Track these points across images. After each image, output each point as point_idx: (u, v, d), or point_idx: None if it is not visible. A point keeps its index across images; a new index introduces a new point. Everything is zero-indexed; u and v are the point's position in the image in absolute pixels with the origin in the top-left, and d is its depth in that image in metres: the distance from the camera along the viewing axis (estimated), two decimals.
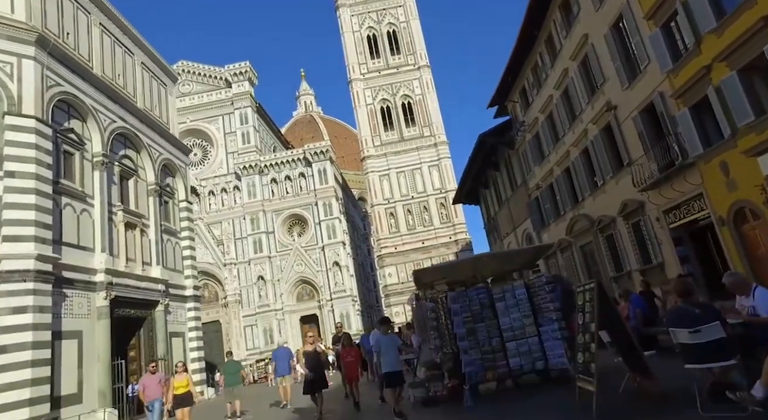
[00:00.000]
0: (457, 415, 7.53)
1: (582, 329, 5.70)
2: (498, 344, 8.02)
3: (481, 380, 8.06)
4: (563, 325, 7.90)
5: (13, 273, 15.79)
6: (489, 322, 8.14)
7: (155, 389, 10.30)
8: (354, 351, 10.46)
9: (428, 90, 55.43)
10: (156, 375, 10.69)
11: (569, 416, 5.92)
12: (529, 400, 7.63)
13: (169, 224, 25.80)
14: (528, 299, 8.21)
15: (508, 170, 31.86)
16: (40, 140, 17.46)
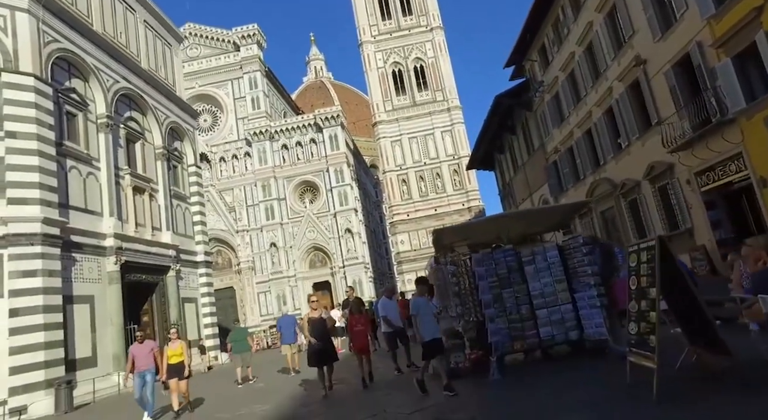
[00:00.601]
0: (482, 390, 6.71)
1: (636, 295, 4.87)
2: (527, 312, 7.24)
3: (508, 351, 7.35)
4: (602, 291, 7.13)
5: (20, 236, 15.38)
6: (517, 287, 7.35)
7: (145, 360, 9.10)
8: (364, 318, 9.30)
9: (441, 52, 53.38)
10: (146, 344, 9.32)
11: (620, 397, 5.01)
12: (565, 374, 6.79)
13: (179, 189, 25.20)
14: (561, 262, 7.40)
15: (525, 133, 30.58)
16: (40, 99, 16.73)
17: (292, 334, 14.30)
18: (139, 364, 9.09)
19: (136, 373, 9.14)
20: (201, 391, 13.02)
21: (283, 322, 15.08)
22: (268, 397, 9.34)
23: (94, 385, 16.09)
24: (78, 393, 16.08)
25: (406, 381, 8.38)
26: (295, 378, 12.33)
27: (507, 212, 13.60)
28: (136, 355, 9.14)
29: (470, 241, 8.67)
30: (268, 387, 11.60)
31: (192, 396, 11.53)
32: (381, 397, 7.34)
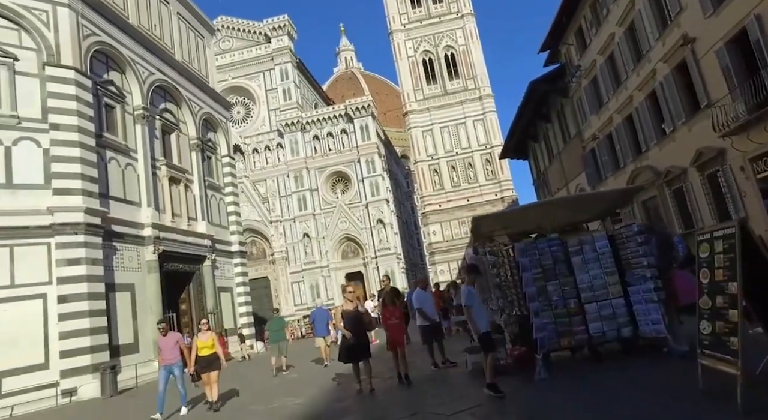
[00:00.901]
0: (528, 390, 6.18)
1: (709, 290, 4.32)
2: (575, 306, 6.72)
3: (554, 348, 6.81)
4: (659, 285, 6.48)
5: (65, 225, 15.75)
6: (563, 279, 6.80)
7: (171, 352, 8.50)
8: (398, 311, 8.41)
9: (472, 40, 52.10)
10: (170, 336, 8.71)
11: (695, 406, 4.27)
12: (620, 375, 6.08)
13: (213, 180, 25.42)
14: (611, 253, 6.82)
15: (561, 121, 29.47)
16: (81, 92, 17.01)
17: (325, 327, 14.34)
18: (165, 357, 8.58)
19: (162, 366, 8.68)
20: (236, 382, 13.02)
21: (316, 314, 14.95)
22: (301, 390, 9.15)
23: (137, 371, 16.41)
24: (122, 377, 16.45)
25: (442, 377, 8.01)
26: (328, 370, 12.16)
27: (551, 198, 12.64)
28: (162, 347, 8.68)
29: (510, 230, 8.17)
30: (301, 379, 11.46)
31: (228, 386, 11.53)
32: (418, 395, 6.95)
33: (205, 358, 8.43)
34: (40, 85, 16.48)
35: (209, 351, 8.45)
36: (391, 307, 8.27)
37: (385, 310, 8.40)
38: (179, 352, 8.57)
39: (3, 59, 16.04)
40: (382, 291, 11.02)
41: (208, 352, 8.45)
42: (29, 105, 16.22)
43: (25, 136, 16.02)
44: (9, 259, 15.09)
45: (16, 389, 14.28)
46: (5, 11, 16.20)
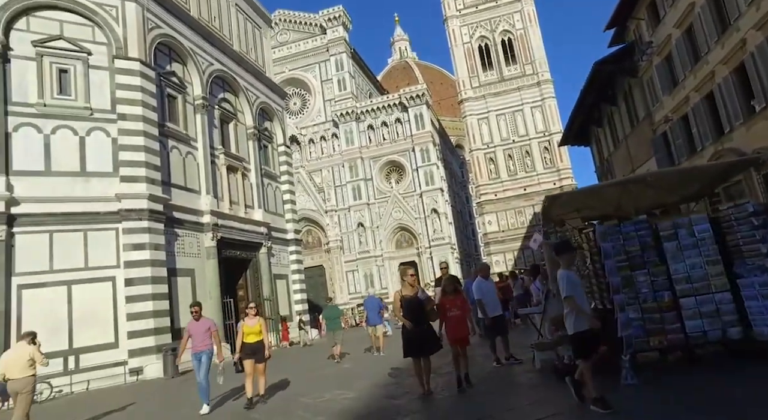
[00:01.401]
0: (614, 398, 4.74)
1: None
2: (668, 300, 5.66)
3: (642, 349, 5.73)
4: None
5: (130, 212, 16.20)
6: (654, 268, 5.71)
7: (202, 338, 7.73)
8: (460, 300, 7.12)
9: (530, 23, 49.64)
10: (203, 321, 7.88)
11: None
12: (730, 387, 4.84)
13: (269, 168, 25.54)
14: (713, 238, 5.72)
15: (628, 103, 27.25)
16: (145, 83, 17.36)
17: (377, 316, 13.95)
18: (195, 343, 7.76)
19: (192, 353, 7.89)
20: (290, 369, 12.78)
21: (368, 303, 14.65)
22: (353, 382, 8.62)
23: None
24: (184, 359, 16.74)
25: (508, 376, 7.16)
26: (382, 361, 11.64)
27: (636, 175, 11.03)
28: (192, 333, 7.83)
29: (584, 214, 7.17)
30: (354, 369, 10.97)
31: (281, 373, 11.24)
32: (482, 397, 6.13)
33: (250, 345, 7.60)
34: (109, 77, 16.99)
35: (256, 338, 7.63)
36: (452, 296, 7.07)
37: (444, 299, 7.11)
38: (210, 340, 7.83)
39: (79, 54, 16.67)
40: (440, 279, 10.13)
41: (254, 338, 7.62)
42: (100, 96, 16.77)
43: (96, 127, 16.58)
44: (83, 244, 15.70)
45: (91, 365, 14.89)
46: (82, 9, 16.80)
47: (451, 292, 7.21)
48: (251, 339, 7.58)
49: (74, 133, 16.16)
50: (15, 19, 15.94)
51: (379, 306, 14.46)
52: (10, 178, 14.97)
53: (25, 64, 15.94)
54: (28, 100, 15.74)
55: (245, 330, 7.61)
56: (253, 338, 7.59)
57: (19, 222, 14.94)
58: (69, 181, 15.83)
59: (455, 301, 7.07)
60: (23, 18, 16.18)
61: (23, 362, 7.10)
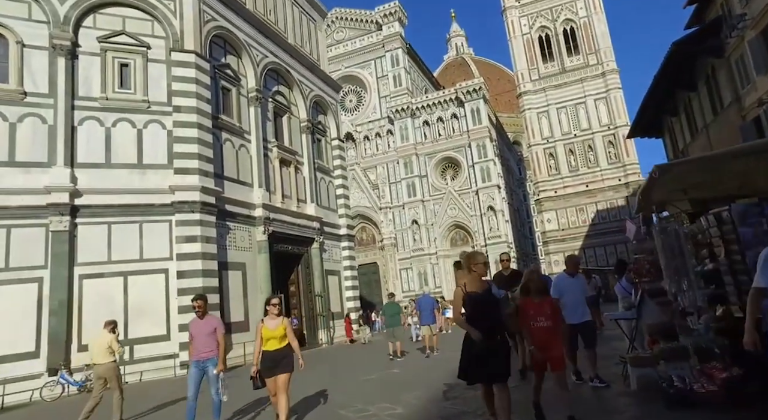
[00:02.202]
0: None
1: None
2: None
3: None
4: None
5: (183, 204, 16.02)
6: None
7: (206, 342, 6.14)
8: (550, 306, 4.97)
9: (595, 10, 46.38)
10: (207, 320, 6.28)
11: None
12: None
13: (322, 162, 24.98)
14: None
15: (710, 87, 24.34)
16: (200, 75, 17.17)
17: (431, 315, 13.31)
18: (197, 348, 6.14)
19: (192, 360, 6.23)
20: (337, 372, 11.94)
21: (422, 302, 13.89)
22: (402, 393, 7.54)
23: (244, 349, 16.24)
24: (232, 355, 16.42)
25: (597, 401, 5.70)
26: (435, 366, 10.54)
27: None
28: (194, 334, 6.19)
29: (694, 195, 5.66)
30: (405, 375, 9.90)
31: (326, 378, 10.31)
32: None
33: (272, 354, 5.62)
34: (166, 70, 16.93)
35: (278, 344, 5.64)
36: (538, 300, 4.91)
37: (527, 303, 4.94)
38: (216, 344, 6.21)
39: (139, 48, 16.73)
40: (500, 275, 7.88)
41: (276, 345, 5.64)
42: (157, 89, 16.75)
43: (153, 119, 16.56)
44: (139, 235, 15.68)
45: (144, 357, 14.79)
46: (143, 4, 16.92)
47: (537, 293, 4.97)
48: (273, 345, 5.65)
49: (132, 126, 16.19)
50: (84, 16, 16.19)
51: (434, 305, 13.81)
52: (75, 171, 15.17)
53: (90, 59, 16.16)
54: (92, 94, 15.94)
55: (264, 334, 5.65)
56: (275, 344, 5.66)
57: (81, 213, 15.10)
58: (127, 173, 15.88)
59: (542, 306, 4.85)
60: (90, 15, 16.41)
61: (104, 349, 7.46)
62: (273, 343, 5.64)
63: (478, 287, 4.45)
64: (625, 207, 43.12)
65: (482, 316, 4.35)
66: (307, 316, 21.42)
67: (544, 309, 4.84)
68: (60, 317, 14.12)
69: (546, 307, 4.87)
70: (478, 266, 4.52)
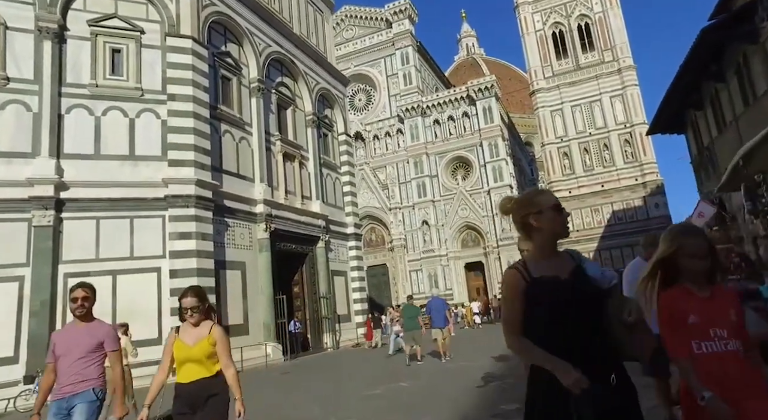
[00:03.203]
0: None
1: None
2: None
3: None
4: None
5: (177, 198, 14.81)
6: None
7: (78, 366, 3.55)
8: (731, 303, 2.11)
9: (611, 5, 44.55)
10: (90, 327, 3.68)
11: None
12: None
13: (329, 158, 23.63)
14: None
15: (741, 77, 22.45)
16: (197, 61, 15.96)
17: (443, 318, 12.62)
18: (61, 377, 3.55)
19: (52, 398, 3.58)
20: (341, 385, 10.53)
21: (433, 304, 13.05)
22: (414, 410, 6.13)
23: (242, 354, 14.88)
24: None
25: None
26: (451, 377, 9.10)
27: None
28: (59, 352, 3.57)
29: None
30: (416, 390, 8.44)
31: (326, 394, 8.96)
32: None
33: (189, 388, 3.18)
34: (161, 56, 15.76)
35: (200, 372, 3.20)
36: (707, 293, 2.11)
37: (680, 300, 2.10)
38: (99, 369, 3.64)
39: (132, 33, 15.58)
40: None
41: (197, 373, 3.20)
42: (151, 76, 15.57)
43: (146, 108, 15.38)
44: (129, 231, 14.46)
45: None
46: None
47: (704, 277, 2.13)
48: (191, 374, 3.19)
49: (124, 115, 14.99)
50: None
51: (445, 307, 13.09)
52: (61, 162, 14.00)
53: (80, 44, 15.01)
54: (80, 81, 14.79)
55: (177, 353, 3.22)
56: (194, 372, 3.18)
57: (67, 207, 13.91)
58: (117, 165, 14.67)
59: (717, 306, 2.09)
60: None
61: None
62: (191, 371, 3.15)
63: (553, 268, 1.98)
64: (642, 207, 41.27)
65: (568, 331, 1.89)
66: (311, 318, 20.06)
67: (723, 312, 2.09)
68: (41, 319, 12.90)
69: (726, 309, 2.11)
70: (543, 217, 1.99)
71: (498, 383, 7.80)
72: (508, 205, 2.13)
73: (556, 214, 2.01)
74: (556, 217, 2.01)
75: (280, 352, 16.99)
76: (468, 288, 44.17)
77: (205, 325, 3.31)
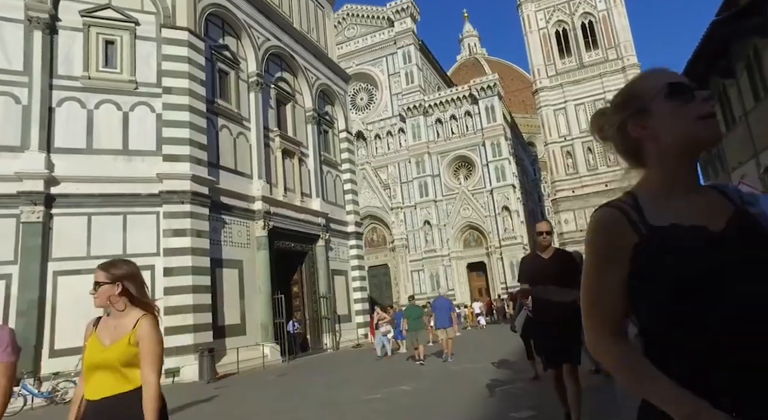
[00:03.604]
0: None
1: None
2: None
3: None
4: None
5: (172, 194, 14.28)
6: None
7: None
8: None
9: (615, 3, 43.98)
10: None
11: None
12: None
13: (329, 155, 23.09)
14: None
15: (751, 72, 21.79)
16: (193, 54, 15.45)
17: (447, 318, 12.20)
18: None
19: None
20: (332, 391, 9.97)
21: (437, 304, 12.68)
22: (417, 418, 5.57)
23: (238, 355, 14.36)
24: (226, 361, 14.60)
25: None
26: (451, 379, 8.54)
27: None
28: None
29: None
30: (415, 394, 7.88)
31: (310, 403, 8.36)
32: None
33: (97, 406, 2.01)
34: (157, 48, 15.25)
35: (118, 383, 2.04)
36: None
37: None
38: None
39: (126, 24, 15.08)
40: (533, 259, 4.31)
41: (110, 385, 2.03)
42: (146, 69, 15.07)
43: (141, 101, 14.87)
44: (122, 228, 13.94)
45: None
46: None
47: None
48: (100, 388, 2.03)
49: (118, 108, 14.48)
50: None
51: (450, 307, 12.59)
52: (51, 156, 13.50)
53: (72, 35, 14.50)
54: (73, 73, 14.29)
55: (87, 355, 2.09)
56: (106, 384, 2.04)
57: (57, 203, 13.40)
58: (110, 159, 14.16)
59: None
60: None
61: None
62: (102, 383, 2.04)
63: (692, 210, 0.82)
64: None
65: (722, 330, 0.97)
66: (311, 318, 19.50)
67: None
68: (29, 319, 12.40)
69: None
70: (655, 115, 1.07)
71: (506, 388, 7.24)
72: (601, 118, 1.22)
73: (680, 105, 1.06)
74: (679, 109, 1.06)
75: (278, 353, 16.45)
76: (470, 288, 43.57)
77: (132, 315, 2.13)
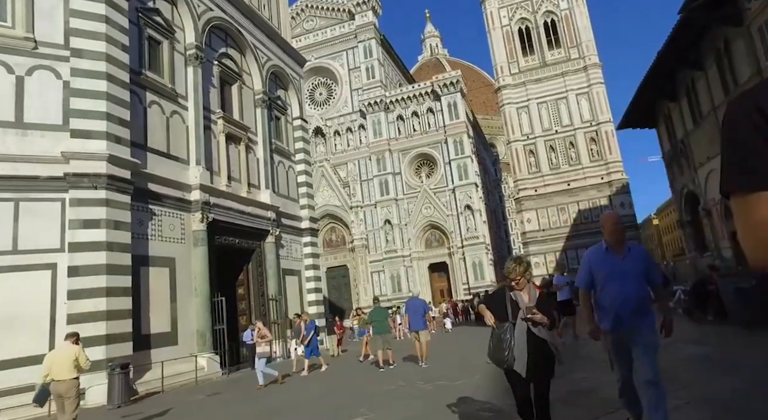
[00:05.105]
0: None
1: None
2: None
3: None
4: None
5: (81, 177, 11.66)
6: None
7: None
8: None
9: (576, 2, 43.84)
10: None
11: None
12: None
13: (281, 144, 20.80)
14: None
15: (721, 64, 21.37)
16: (112, 13, 12.88)
17: (421, 320, 11.22)
18: None
19: None
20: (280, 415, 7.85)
21: (411, 305, 11.68)
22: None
23: (163, 370, 11.90)
24: (150, 377, 12.13)
25: None
26: (432, 399, 6.61)
27: None
28: None
29: None
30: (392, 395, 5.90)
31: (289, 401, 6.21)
32: None
33: None
34: (63, 1, 12.54)
35: None
36: None
37: None
38: None
39: None
40: None
41: None
42: (48, 25, 12.33)
43: (41, 64, 12.12)
44: (13, 218, 11.19)
45: (8, 388, 10.27)
46: None
47: None
48: None
49: (9, 71, 11.71)
50: None
51: (425, 308, 11.78)
52: None
53: None
54: None
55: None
56: None
57: None
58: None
59: None
60: None
61: (69, 363, 6.41)
62: None
63: None
64: (608, 206, 40.38)
65: None
66: None
67: None
68: None
69: None
70: None
71: (503, 417, 5.37)
72: None
73: None
74: None
75: (217, 365, 14.07)
76: (432, 289, 42.10)
77: None
